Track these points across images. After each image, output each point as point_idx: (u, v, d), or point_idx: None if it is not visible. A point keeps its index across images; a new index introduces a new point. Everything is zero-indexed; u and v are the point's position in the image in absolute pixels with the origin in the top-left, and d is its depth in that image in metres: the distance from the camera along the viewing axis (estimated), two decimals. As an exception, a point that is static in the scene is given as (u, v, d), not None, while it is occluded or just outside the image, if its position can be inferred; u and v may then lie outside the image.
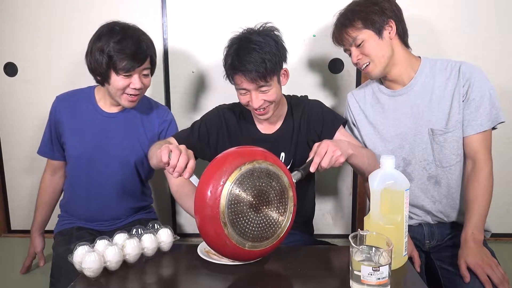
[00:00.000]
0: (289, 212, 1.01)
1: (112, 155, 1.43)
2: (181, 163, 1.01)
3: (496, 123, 1.27)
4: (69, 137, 1.45)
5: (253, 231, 0.97)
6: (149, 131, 1.48)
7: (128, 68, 1.30)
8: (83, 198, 1.47)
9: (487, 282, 1.13)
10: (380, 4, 1.27)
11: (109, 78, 1.33)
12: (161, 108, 1.55)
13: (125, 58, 1.29)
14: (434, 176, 1.33)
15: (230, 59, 1.23)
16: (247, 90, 1.25)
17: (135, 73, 1.33)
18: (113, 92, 1.36)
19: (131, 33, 1.33)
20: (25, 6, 1.74)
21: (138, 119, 1.48)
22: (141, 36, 1.35)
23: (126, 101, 1.37)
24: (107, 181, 1.45)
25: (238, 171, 0.95)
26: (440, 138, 1.29)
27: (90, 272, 0.97)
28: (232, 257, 1.01)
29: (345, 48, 1.34)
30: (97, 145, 1.43)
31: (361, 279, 0.85)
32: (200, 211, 0.96)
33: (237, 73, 1.22)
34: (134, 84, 1.33)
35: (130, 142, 1.45)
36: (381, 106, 1.38)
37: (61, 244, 1.42)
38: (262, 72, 1.19)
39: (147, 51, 1.35)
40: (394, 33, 1.28)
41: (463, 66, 1.28)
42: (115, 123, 1.45)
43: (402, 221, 1.00)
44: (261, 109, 1.27)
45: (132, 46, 1.30)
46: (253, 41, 1.21)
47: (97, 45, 1.31)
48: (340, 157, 1.10)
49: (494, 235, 1.46)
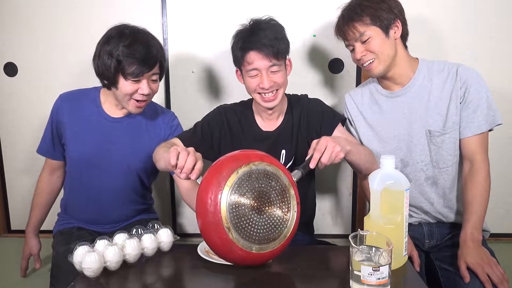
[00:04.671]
0: (293, 211, 1.00)
1: (114, 160, 1.40)
2: (189, 164, 1.00)
3: (493, 125, 1.27)
4: (70, 139, 1.41)
5: (259, 233, 0.96)
6: (155, 136, 1.44)
7: (137, 73, 1.27)
8: (82, 201, 1.44)
9: (487, 281, 1.13)
10: (388, 2, 1.26)
11: (117, 83, 1.30)
12: (167, 113, 1.51)
13: (134, 63, 1.26)
14: (431, 177, 1.34)
15: (241, 40, 1.28)
16: (258, 70, 1.27)
17: (144, 78, 1.30)
18: (120, 97, 1.33)
19: (141, 37, 1.30)
20: (25, 6, 1.74)
21: (143, 124, 1.44)
22: (152, 41, 1.31)
23: (134, 107, 1.34)
24: (108, 187, 1.41)
25: (236, 174, 0.95)
26: (438, 140, 1.30)
27: (90, 272, 0.97)
28: (241, 262, 0.99)
29: (347, 43, 1.32)
30: (99, 150, 1.39)
31: (361, 279, 0.85)
32: (202, 218, 0.95)
33: (251, 50, 1.26)
34: (143, 89, 1.30)
35: (133, 148, 1.41)
36: (378, 107, 1.39)
37: (61, 243, 1.41)
38: (276, 47, 1.24)
39: (157, 56, 1.31)
40: (399, 33, 1.28)
41: (460, 69, 1.29)
42: (119, 128, 1.41)
43: (402, 221, 1.00)
44: (270, 93, 1.29)
45: (142, 51, 1.26)
46: (264, 21, 1.29)
47: (105, 49, 1.28)
48: (340, 153, 1.09)
49: (494, 235, 1.47)
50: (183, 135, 1.40)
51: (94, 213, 1.45)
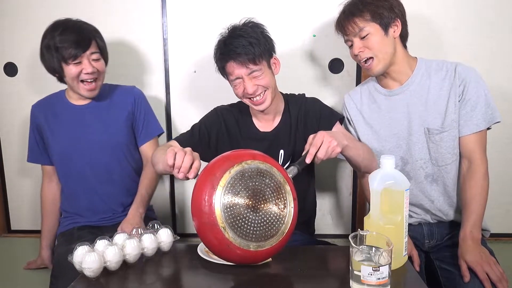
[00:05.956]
0: (290, 207, 1.00)
1: (93, 142, 1.47)
2: (186, 164, 1.01)
3: (492, 123, 1.28)
4: (50, 137, 1.50)
5: (256, 231, 0.96)
6: (122, 111, 1.52)
7: (74, 54, 1.36)
8: (77, 192, 1.50)
9: (486, 279, 1.13)
10: (390, 1, 1.27)
11: (63, 71, 1.39)
12: (125, 87, 1.59)
13: (69, 46, 1.35)
14: (430, 175, 1.34)
15: (219, 50, 1.28)
16: (239, 78, 1.27)
17: (84, 59, 1.38)
18: (70, 83, 1.42)
19: (73, 23, 1.41)
20: (26, 6, 1.74)
21: (108, 103, 1.52)
22: (83, 25, 1.42)
23: (85, 90, 1.42)
24: (95, 170, 1.48)
25: (228, 174, 0.95)
26: (436, 137, 1.30)
27: (90, 272, 0.97)
28: (240, 261, 1.00)
29: (347, 38, 1.33)
30: (77, 137, 1.47)
31: (361, 279, 0.85)
32: (197, 220, 0.96)
33: (227, 60, 1.26)
34: (86, 68, 1.38)
35: (107, 127, 1.49)
36: (377, 105, 1.39)
37: (62, 244, 1.44)
38: (251, 54, 1.22)
39: (90, 36, 1.40)
40: (398, 32, 1.29)
41: (459, 67, 1.29)
42: (88, 113, 1.49)
43: (402, 221, 1.00)
44: (258, 96, 1.28)
45: (73, 34, 1.36)
46: (238, 28, 1.27)
47: (44, 44, 1.39)
48: (336, 147, 1.09)
49: (494, 235, 1.47)
50: (180, 137, 1.40)
51: (91, 201, 1.49)
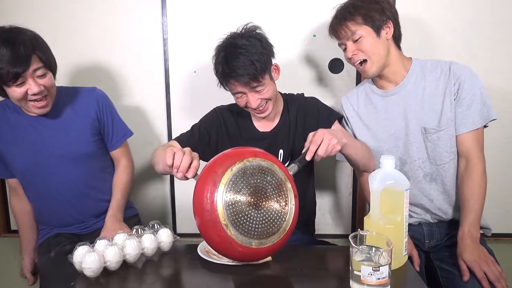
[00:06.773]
0: (291, 204, 1.01)
1: (57, 154, 1.36)
2: (184, 163, 1.01)
3: (488, 120, 1.28)
4: (6, 150, 1.36)
5: (257, 228, 0.96)
6: (86, 119, 1.40)
7: (13, 77, 1.17)
8: (48, 205, 1.42)
9: (483, 278, 1.14)
10: (381, 3, 1.29)
11: (5, 92, 1.22)
12: (85, 90, 1.45)
13: (5, 68, 1.16)
14: (429, 174, 1.34)
15: (220, 68, 1.26)
16: (242, 93, 1.27)
17: (27, 78, 1.20)
18: (18, 104, 1.26)
19: (6, 37, 1.18)
20: (26, 7, 1.74)
21: (69, 112, 1.39)
22: (17, 38, 1.19)
23: (36, 108, 1.27)
24: (63, 181, 1.38)
25: (230, 172, 0.95)
26: (433, 136, 1.30)
27: (90, 272, 0.97)
28: (242, 258, 1.00)
29: (340, 42, 1.35)
30: (39, 150, 1.35)
31: (361, 279, 0.85)
32: (199, 217, 0.96)
33: (230, 79, 1.25)
34: (32, 89, 1.21)
35: (70, 136, 1.37)
36: (373, 106, 1.40)
37: (42, 254, 1.41)
38: (253, 74, 1.21)
39: (27, 52, 1.19)
40: (391, 34, 1.30)
41: (453, 66, 1.30)
42: (48, 124, 1.36)
43: (402, 221, 1.01)
44: (260, 107, 1.29)
45: (7, 53, 1.16)
46: (239, 45, 1.23)
47: None
48: (336, 145, 1.09)
49: (494, 235, 1.47)
50: (180, 137, 1.41)
51: (63, 213, 1.42)
